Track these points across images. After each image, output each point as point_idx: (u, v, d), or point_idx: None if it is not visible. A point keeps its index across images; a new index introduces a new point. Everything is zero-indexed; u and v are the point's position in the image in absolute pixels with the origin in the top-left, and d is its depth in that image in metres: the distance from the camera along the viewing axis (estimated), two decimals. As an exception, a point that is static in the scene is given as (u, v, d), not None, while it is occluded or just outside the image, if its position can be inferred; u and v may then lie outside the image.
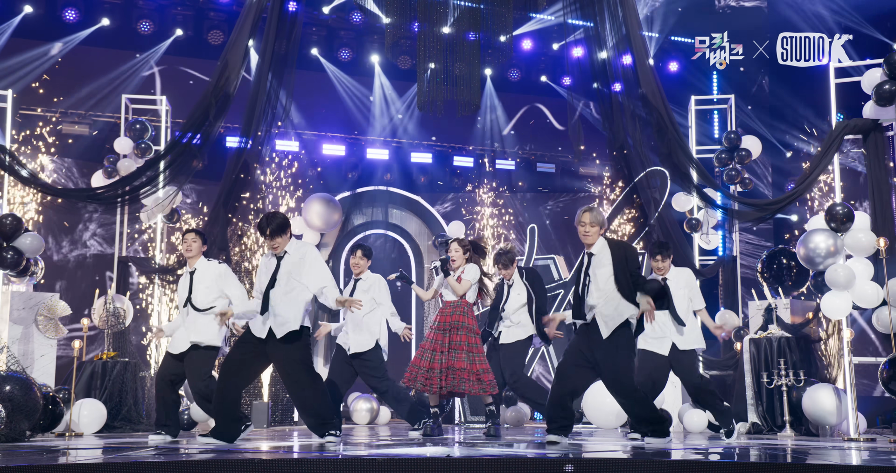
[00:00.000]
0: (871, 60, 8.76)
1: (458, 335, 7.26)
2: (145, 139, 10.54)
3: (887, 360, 7.42)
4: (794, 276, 9.12)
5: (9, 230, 8.63)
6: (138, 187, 9.86)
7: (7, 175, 9.39)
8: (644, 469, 4.47)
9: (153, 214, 10.33)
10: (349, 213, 12.33)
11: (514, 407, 9.92)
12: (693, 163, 10.11)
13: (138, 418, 9.02)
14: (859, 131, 8.68)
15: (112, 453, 5.31)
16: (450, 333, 7.29)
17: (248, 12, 10.04)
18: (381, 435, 7.89)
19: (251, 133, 10.06)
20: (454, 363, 7.19)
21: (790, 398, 8.12)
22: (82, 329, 8.67)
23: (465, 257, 7.52)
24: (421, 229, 12.77)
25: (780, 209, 9.81)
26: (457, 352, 7.22)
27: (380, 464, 4.40)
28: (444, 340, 7.29)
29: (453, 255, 7.50)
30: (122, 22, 12.57)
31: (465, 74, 10.32)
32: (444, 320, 7.38)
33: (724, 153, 10.88)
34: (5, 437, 6.58)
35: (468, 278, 7.41)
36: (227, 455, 4.87)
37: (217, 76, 9.82)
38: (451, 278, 7.44)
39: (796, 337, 8.58)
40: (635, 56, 10.22)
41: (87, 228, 12.13)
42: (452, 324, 7.31)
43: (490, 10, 10.31)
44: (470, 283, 7.41)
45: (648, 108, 10.12)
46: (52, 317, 8.96)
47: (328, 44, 13.59)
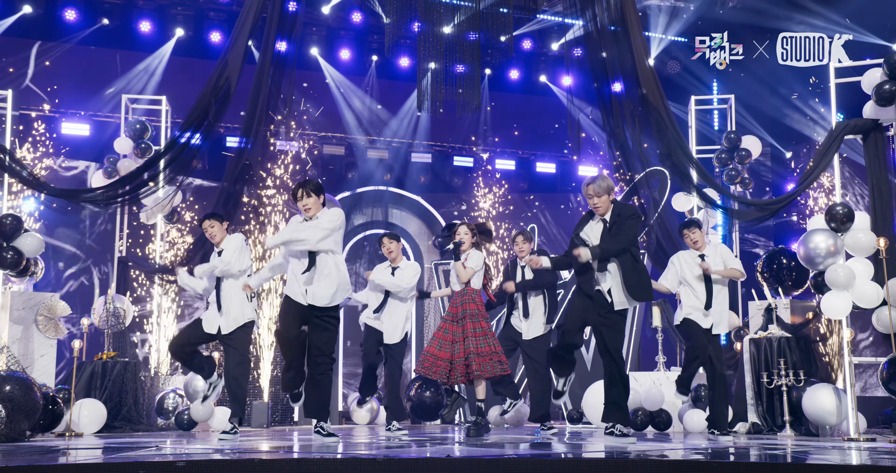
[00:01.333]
0: (872, 59, 8.76)
1: (471, 322, 7.29)
2: (145, 139, 10.54)
3: (887, 360, 7.42)
4: (794, 276, 9.13)
5: (9, 230, 8.63)
6: (138, 187, 9.87)
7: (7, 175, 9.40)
8: (644, 469, 4.47)
9: (153, 214, 10.33)
10: (349, 213, 12.33)
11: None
12: (693, 163, 10.11)
13: (138, 418, 9.02)
14: (859, 131, 8.67)
15: (112, 453, 5.31)
16: (462, 322, 7.32)
17: (248, 12, 10.03)
18: (381, 435, 7.89)
19: (251, 133, 10.06)
20: (476, 349, 7.21)
21: (790, 398, 8.12)
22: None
23: (472, 240, 7.54)
24: (421, 229, 12.78)
25: (780, 209, 9.81)
26: (474, 339, 7.24)
27: (380, 464, 4.40)
28: (459, 330, 7.32)
29: (462, 237, 7.50)
30: (122, 22, 12.57)
31: (465, 74, 10.32)
32: (455, 310, 7.42)
33: (724, 153, 10.89)
34: (5, 437, 6.58)
35: (471, 265, 7.42)
36: (227, 455, 4.87)
37: (217, 76, 9.82)
38: (458, 264, 7.45)
39: (796, 337, 8.58)
40: (635, 56, 10.22)
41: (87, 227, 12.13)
42: (463, 313, 7.34)
43: (490, 10, 10.31)
44: (473, 270, 7.41)
45: (648, 108, 10.12)
46: (52, 317, 8.97)
47: (328, 44, 13.59)
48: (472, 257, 7.46)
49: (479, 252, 7.51)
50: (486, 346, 7.25)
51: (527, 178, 14.47)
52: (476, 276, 7.46)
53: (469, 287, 7.43)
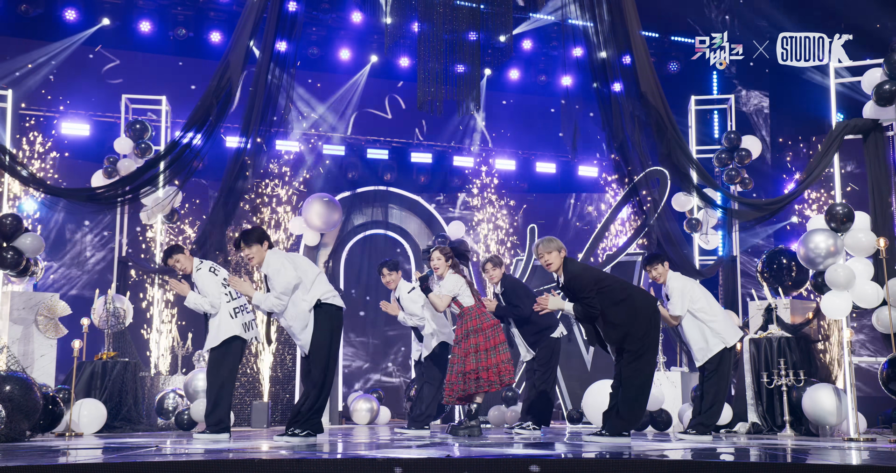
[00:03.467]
0: (872, 59, 8.76)
1: (476, 338, 7.21)
2: (145, 139, 10.54)
3: (887, 360, 7.42)
4: (794, 276, 9.12)
5: (9, 230, 8.63)
6: (138, 187, 9.86)
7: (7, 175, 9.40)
8: (644, 469, 4.47)
9: (153, 214, 10.33)
10: (349, 213, 12.32)
11: (513, 408, 9.92)
12: (693, 163, 10.11)
13: (138, 418, 9.02)
14: (859, 131, 8.68)
15: (112, 453, 5.31)
16: (461, 344, 7.27)
17: (248, 12, 10.04)
18: (381, 435, 7.89)
19: (251, 133, 10.05)
20: (465, 368, 7.14)
21: (790, 398, 8.12)
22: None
23: (447, 264, 7.43)
24: (421, 229, 12.76)
25: (781, 209, 9.81)
26: (465, 358, 7.17)
27: (380, 464, 4.40)
28: (468, 346, 7.22)
29: (435, 263, 7.42)
30: (122, 22, 12.57)
31: (465, 74, 10.32)
32: (458, 331, 7.37)
33: (724, 153, 10.89)
34: (5, 437, 6.58)
35: (445, 291, 7.32)
36: (227, 455, 4.87)
37: (218, 76, 9.82)
38: (433, 295, 7.37)
39: (796, 337, 8.58)
40: (635, 56, 10.22)
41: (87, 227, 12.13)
42: (466, 332, 7.27)
43: (490, 10, 10.30)
44: (448, 297, 7.30)
45: (648, 108, 10.12)
46: (52, 317, 8.96)
47: (328, 44, 13.59)
48: (445, 282, 7.36)
49: (454, 276, 7.37)
50: (491, 358, 7.15)
51: (527, 178, 14.46)
52: (464, 295, 7.32)
53: (464, 308, 7.33)
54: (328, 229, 11.50)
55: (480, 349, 7.14)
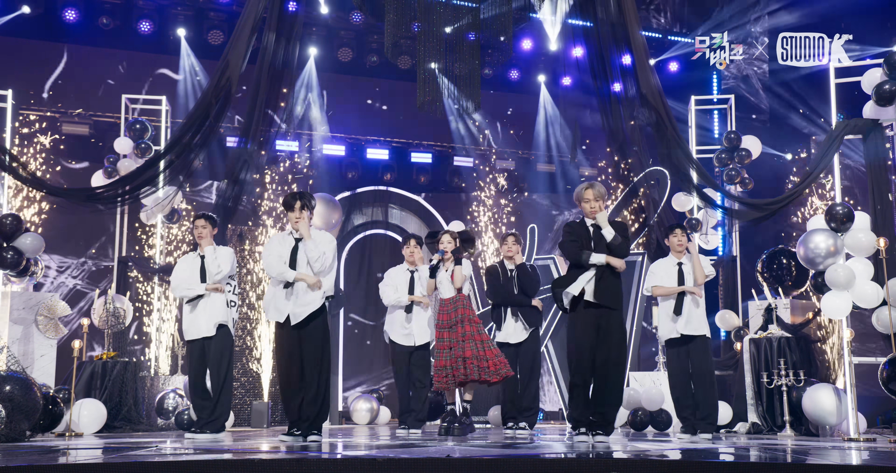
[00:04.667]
0: (872, 60, 8.77)
1: (469, 325, 7.25)
2: (145, 139, 10.54)
3: (887, 360, 7.42)
4: (794, 276, 9.12)
5: (9, 230, 8.63)
6: (138, 187, 9.86)
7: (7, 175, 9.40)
8: (644, 469, 4.47)
9: (153, 214, 10.33)
10: (349, 213, 12.32)
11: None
12: (693, 163, 10.11)
13: (138, 418, 9.02)
14: (859, 131, 8.68)
15: (112, 453, 5.31)
16: (455, 328, 7.28)
17: (248, 12, 10.04)
18: (381, 435, 7.89)
19: (250, 133, 10.05)
20: (479, 353, 7.17)
21: (790, 398, 8.12)
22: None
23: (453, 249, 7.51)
24: (421, 229, 12.77)
25: (781, 209, 9.81)
26: (464, 343, 7.20)
27: (380, 464, 4.39)
28: (453, 335, 7.28)
29: (446, 246, 7.47)
30: (122, 22, 12.56)
31: (465, 74, 10.32)
32: (447, 317, 7.37)
33: (724, 153, 10.88)
34: (5, 437, 6.58)
35: (466, 272, 7.40)
36: (227, 455, 4.87)
37: (218, 76, 9.82)
38: (446, 275, 7.41)
39: (796, 337, 8.58)
40: (635, 56, 10.22)
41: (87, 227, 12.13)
42: (457, 318, 7.30)
43: (490, 10, 10.31)
44: (465, 276, 7.39)
45: (648, 108, 10.12)
46: (52, 317, 8.96)
47: (328, 44, 13.58)
48: (465, 264, 7.44)
49: (467, 261, 7.49)
50: (476, 350, 7.20)
51: (526, 178, 14.46)
52: (466, 282, 7.43)
53: (461, 293, 7.38)
54: (328, 229, 11.51)
55: (476, 338, 7.21)
